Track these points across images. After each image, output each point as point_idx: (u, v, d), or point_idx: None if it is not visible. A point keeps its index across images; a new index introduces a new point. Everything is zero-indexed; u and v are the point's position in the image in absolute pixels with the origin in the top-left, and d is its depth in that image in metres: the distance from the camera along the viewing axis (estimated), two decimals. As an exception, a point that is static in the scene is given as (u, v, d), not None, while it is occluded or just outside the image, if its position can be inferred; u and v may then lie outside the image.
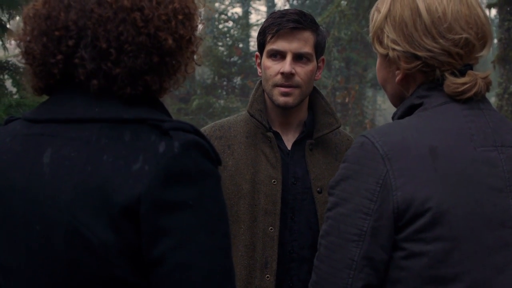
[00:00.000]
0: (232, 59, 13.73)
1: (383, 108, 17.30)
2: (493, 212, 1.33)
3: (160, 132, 1.07)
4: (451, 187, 1.31)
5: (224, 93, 13.16)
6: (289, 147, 2.17)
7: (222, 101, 12.24)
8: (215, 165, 1.10)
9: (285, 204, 2.11)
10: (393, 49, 1.43)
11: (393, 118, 1.52)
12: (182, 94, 12.46)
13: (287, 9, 2.14)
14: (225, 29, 14.69)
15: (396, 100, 1.54)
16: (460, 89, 1.38)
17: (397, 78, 1.47)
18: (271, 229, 2.07)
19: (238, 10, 16.11)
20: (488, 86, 1.42)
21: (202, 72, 14.16)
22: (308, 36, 2.08)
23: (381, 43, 1.48)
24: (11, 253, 1.11)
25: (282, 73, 2.06)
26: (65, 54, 1.12)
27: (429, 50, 1.39)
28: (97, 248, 1.03)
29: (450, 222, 1.30)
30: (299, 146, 2.18)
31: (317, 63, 2.14)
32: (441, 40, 1.39)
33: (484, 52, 1.43)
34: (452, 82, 1.39)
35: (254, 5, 17.22)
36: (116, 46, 1.10)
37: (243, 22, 15.31)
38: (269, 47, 2.09)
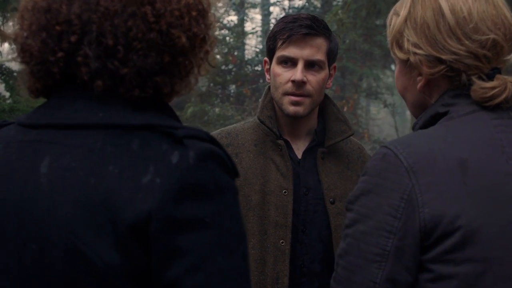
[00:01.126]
0: (227, 67, 13.66)
1: (377, 118, 17.25)
2: None
3: (173, 141, 0.97)
4: (483, 203, 1.21)
5: (219, 101, 13.07)
6: (299, 156, 2.08)
7: (217, 109, 12.16)
8: (233, 177, 1.00)
9: (296, 216, 2.01)
10: (415, 53, 1.33)
11: (413, 128, 1.42)
12: (186, 99, 12.37)
13: (299, 14, 2.04)
14: (220, 36, 14.61)
15: (417, 109, 1.44)
16: (488, 94, 1.28)
17: (419, 85, 1.37)
18: (282, 242, 1.97)
19: (233, 18, 16.05)
20: None
21: (197, 79, 14.00)
22: (321, 42, 1.99)
23: (400, 48, 1.38)
24: (3, 273, 0.99)
25: (293, 81, 1.96)
26: (67, 52, 1.01)
27: (454, 53, 1.29)
28: (100, 271, 0.92)
29: (482, 242, 1.19)
30: (310, 155, 2.08)
31: (329, 70, 2.04)
32: (467, 42, 1.29)
33: None
34: (480, 87, 1.28)
35: (249, 14, 17.14)
36: (124, 43, 0.99)
37: (239, 30, 15.26)
38: (279, 53, 1.99)
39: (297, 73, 1.96)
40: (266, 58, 2.09)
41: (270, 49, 2.04)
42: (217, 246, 0.94)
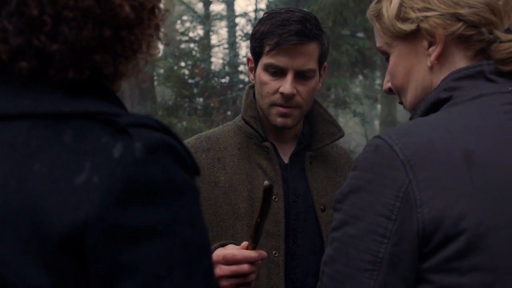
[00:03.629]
0: (194, 79, 13.51)
1: (346, 127, 17.22)
2: None
3: (115, 131, 0.78)
4: (492, 202, 1.03)
5: (186, 114, 12.90)
6: (286, 161, 1.90)
7: (184, 122, 11.98)
8: (192, 175, 0.81)
9: (287, 225, 1.82)
10: (426, 17, 1.17)
11: (411, 119, 1.24)
12: (153, 113, 12.18)
13: (287, 11, 1.80)
14: (187, 49, 14.49)
15: (420, 100, 1.25)
16: None
17: (432, 56, 1.19)
18: (275, 253, 1.79)
19: (200, 32, 15.91)
20: None
21: (164, 93, 13.84)
22: (313, 49, 1.78)
23: (405, 20, 1.21)
24: None
25: (282, 93, 1.78)
26: None
27: (471, 6, 1.14)
28: None
29: (491, 248, 1.02)
30: (297, 159, 1.90)
31: (319, 72, 1.86)
32: None
33: None
34: (507, 39, 1.13)
35: (214, 28, 16.99)
36: (52, 13, 0.80)
37: (205, 43, 15.15)
38: (266, 60, 1.79)
39: (287, 85, 1.77)
40: (250, 56, 1.90)
41: (255, 52, 1.84)
42: (174, 261, 0.76)
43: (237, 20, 15.69)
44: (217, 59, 15.83)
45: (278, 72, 1.79)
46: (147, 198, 0.75)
